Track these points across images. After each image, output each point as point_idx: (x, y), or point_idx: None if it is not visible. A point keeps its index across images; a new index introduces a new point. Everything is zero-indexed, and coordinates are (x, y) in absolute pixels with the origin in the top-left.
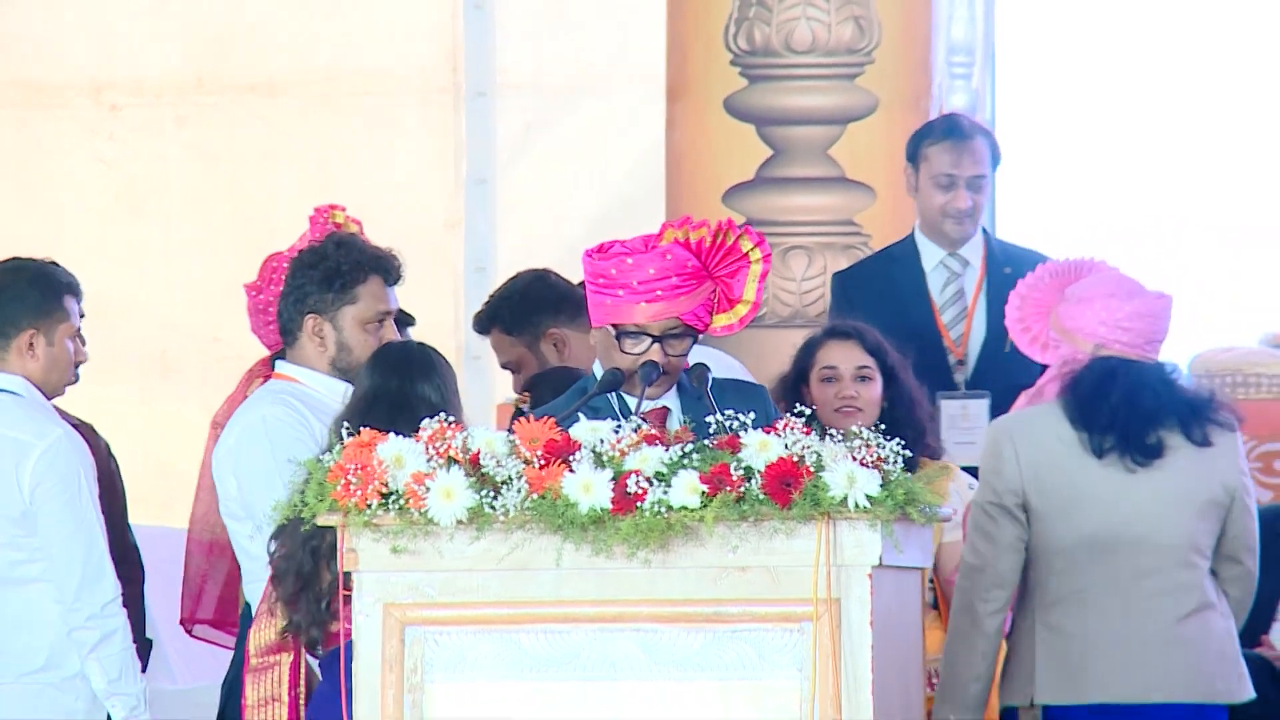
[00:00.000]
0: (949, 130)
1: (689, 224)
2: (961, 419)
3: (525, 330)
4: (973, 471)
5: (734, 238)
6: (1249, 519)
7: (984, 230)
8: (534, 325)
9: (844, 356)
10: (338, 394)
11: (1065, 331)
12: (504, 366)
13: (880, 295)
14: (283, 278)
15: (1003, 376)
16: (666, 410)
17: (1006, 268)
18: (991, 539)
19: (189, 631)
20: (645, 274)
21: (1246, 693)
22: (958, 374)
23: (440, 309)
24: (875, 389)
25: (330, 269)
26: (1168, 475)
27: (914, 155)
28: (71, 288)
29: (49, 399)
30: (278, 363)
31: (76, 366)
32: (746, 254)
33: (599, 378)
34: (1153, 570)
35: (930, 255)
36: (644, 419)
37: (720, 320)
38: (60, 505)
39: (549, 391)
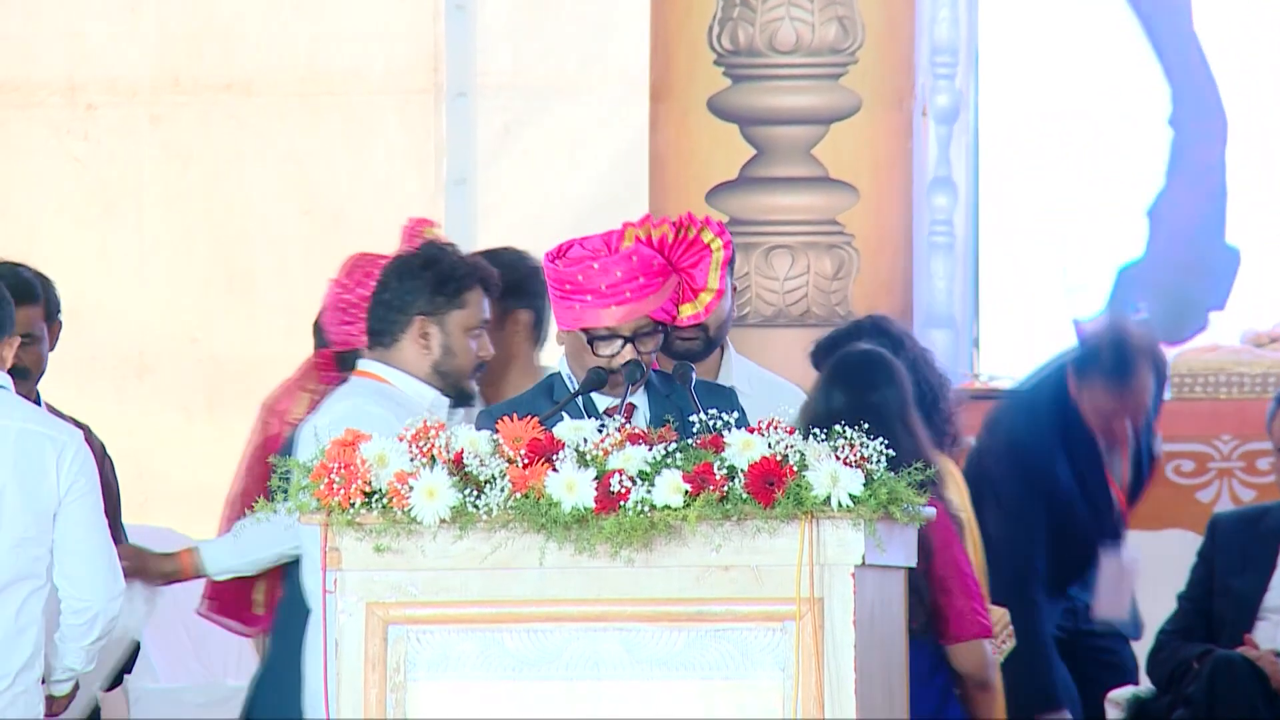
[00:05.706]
0: None
1: (650, 222)
2: None
3: None
4: None
5: (695, 231)
6: None
7: None
8: None
9: None
10: (426, 399)
11: None
12: None
13: None
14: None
15: None
16: (633, 407)
17: None
18: None
19: (200, 610)
20: (613, 278)
21: None
22: None
23: None
24: None
25: (443, 273)
26: None
27: None
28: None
29: None
30: (360, 360)
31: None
32: (708, 244)
33: (578, 378)
34: None
35: None
36: (609, 414)
37: (685, 310)
38: (90, 506)
39: None
